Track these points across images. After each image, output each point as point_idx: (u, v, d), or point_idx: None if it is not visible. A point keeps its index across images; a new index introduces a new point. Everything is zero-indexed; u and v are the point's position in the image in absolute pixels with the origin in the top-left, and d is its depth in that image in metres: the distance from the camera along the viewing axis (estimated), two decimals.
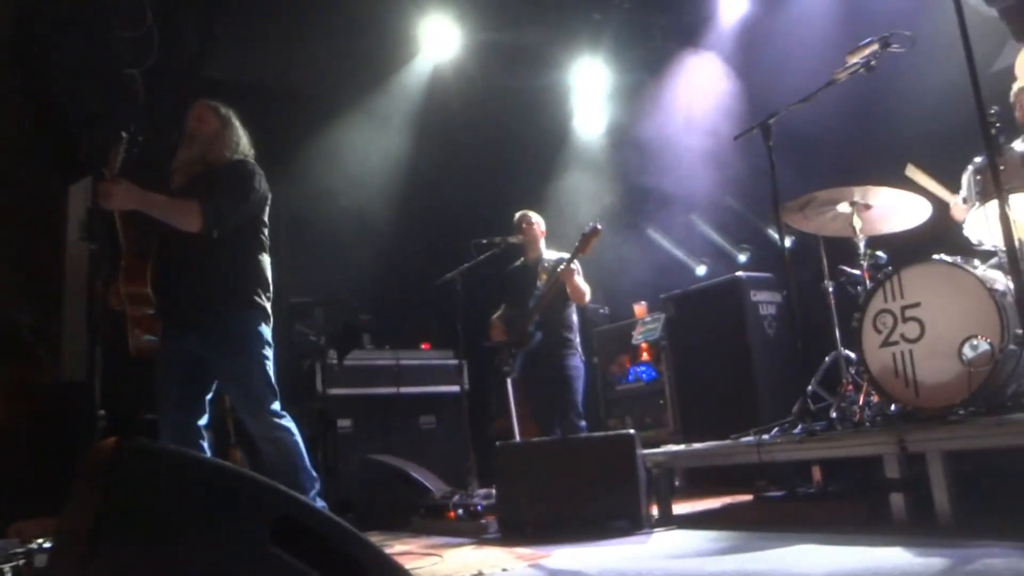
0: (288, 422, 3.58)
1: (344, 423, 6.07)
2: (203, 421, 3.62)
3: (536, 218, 5.37)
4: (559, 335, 5.09)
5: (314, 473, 3.63)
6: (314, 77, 6.82)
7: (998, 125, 3.34)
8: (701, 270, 7.29)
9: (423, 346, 6.81)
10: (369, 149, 7.03)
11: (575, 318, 5.24)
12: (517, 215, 5.38)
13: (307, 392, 5.93)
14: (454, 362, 6.24)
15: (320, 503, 3.50)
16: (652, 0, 7.08)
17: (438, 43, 7.11)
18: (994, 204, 3.06)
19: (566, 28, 7.15)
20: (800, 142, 4.78)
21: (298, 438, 3.59)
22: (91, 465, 1.29)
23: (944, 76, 4.52)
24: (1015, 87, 4.07)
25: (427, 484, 5.17)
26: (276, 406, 3.57)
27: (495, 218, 5.71)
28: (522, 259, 5.38)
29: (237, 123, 3.81)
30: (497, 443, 4.41)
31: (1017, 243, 3.36)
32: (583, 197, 7.36)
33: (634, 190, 7.40)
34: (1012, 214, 3.27)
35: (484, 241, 5.16)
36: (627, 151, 7.39)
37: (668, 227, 7.44)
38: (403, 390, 6.40)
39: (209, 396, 3.65)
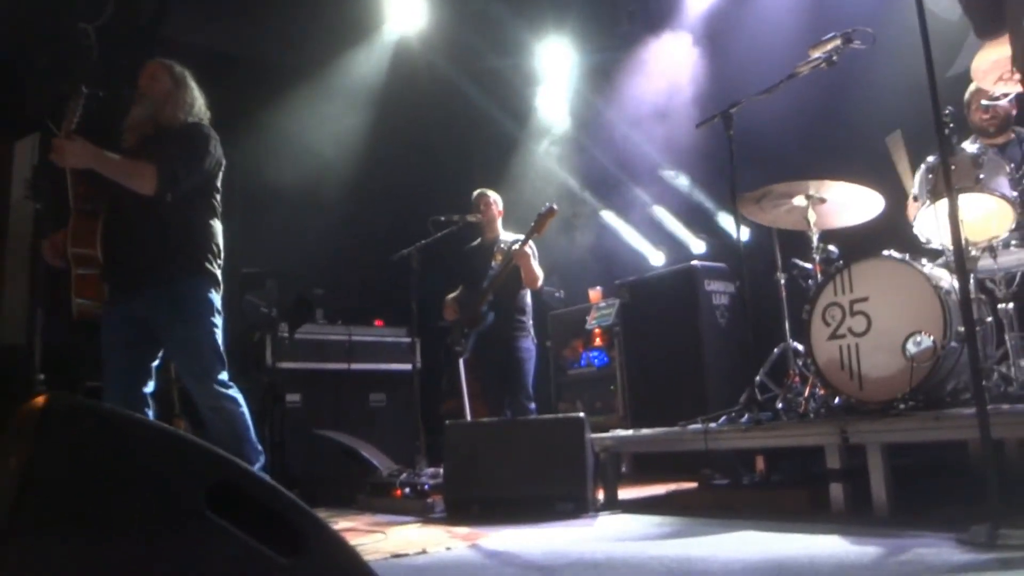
0: (235, 393, 3.52)
1: (293, 398, 5.99)
2: (148, 389, 3.53)
3: (494, 197, 5.34)
4: (512, 317, 5.08)
5: (259, 446, 3.57)
6: (275, 44, 6.69)
7: (951, 126, 3.41)
8: (658, 258, 7.33)
9: (376, 323, 6.74)
10: (329, 120, 6.92)
11: (529, 300, 5.23)
12: (475, 193, 5.34)
13: (256, 364, 5.83)
14: (407, 340, 6.21)
15: (265, 477, 3.45)
16: None
17: (403, 15, 7.04)
18: (944, 203, 3.11)
19: (533, 6, 7.10)
20: (760, 133, 4.82)
21: (245, 409, 3.53)
22: (17, 426, 1.24)
23: (902, 76, 4.60)
24: (970, 89, 4.15)
25: (374, 461, 5.14)
26: (224, 376, 3.51)
27: (454, 196, 5.66)
28: (479, 239, 5.35)
29: (192, 84, 3.70)
30: (447, 422, 4.40)
31: (964, 242, 3.44)
32: (543, 179, 7.36)
33: (594, 174, 7.40)
34: (961, 214, 3.36)
35: (442, 219, 5.12)
36: (589, 134, 7.39)
37: (626, 213, 7.46)
38: (354, 366, 6.34)
39: (155, 363, 3.56)
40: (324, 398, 6.16)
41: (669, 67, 6.84)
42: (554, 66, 7.68)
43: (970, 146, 3.73)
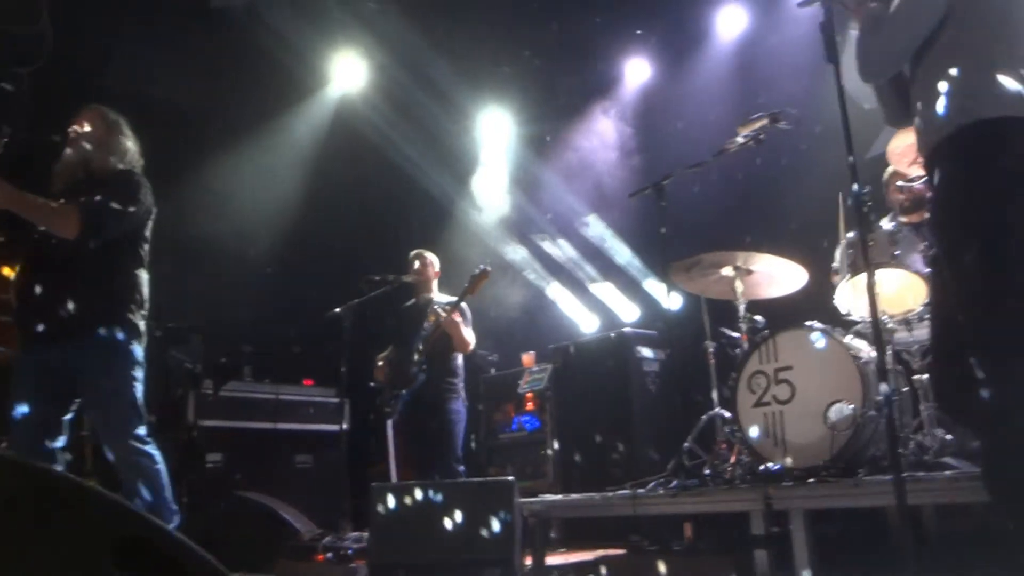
0: (153, 449, 3.39)
1: (214, 457, 5.79)
2: (59, 443, 3.37)
3: (431, 258, 5.35)
4: (443, 378, 5.04)
5: (174, 506, 3.43)
6: (217, 97, 6.65)
7: (869, 204, 3.58)
8: (591, 323, 7.40)
9: (305, 382, 6.61)
10: (266, 176, 6.88)
11: (461, 362, 5.21)
12: (412, 253, 5.35)
13: (176, 421, 5.64)
14: (336, 400, 6.08)
15: None
16: (561, 59, 7.28)
17: (347, 76, 7.13)
18: (862, 277, 3.25)
19: (475, 76, 7.27)
20: (692, 204, 4.98)
21: (161, 467, 3.39)
22: None
23: (825, 156, 4.82)
24: (888, 170, 4.37)
25: (297, 524, 4.98)
26: (142, 431, 3.37)
27: (389, 256, 5.66)
28: (413, 299, 5.34)
29: (127, 131, 3.65)
30: (373, 485, 4.30)
31: (881, 315, 3.58)
32: (479, 242, 7.41)
33: (530, 239, 7.50)
34: (878, 287, 3.50)
35: (376, 278, 5.10)
36: (526, 200, 7.51)
37: (561, 278, 7.55)
38: (281, 426, 6.18)
39: (68, 416, 3.41)
40: (247, 458, 5.97)
41: (605, 139, 7.06)
42: (493, 133, 7.84)
43: (888, 224, 3.91)
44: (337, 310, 5.01)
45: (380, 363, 5.19)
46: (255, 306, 6.79)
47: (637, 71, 7.24)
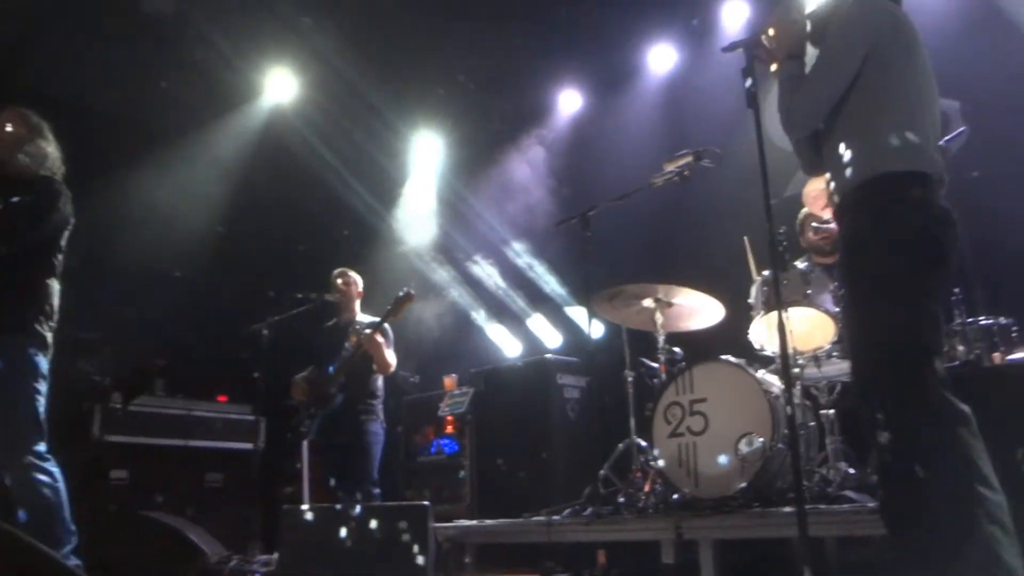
0: (52, 466, 3.25)
1: (119, 474, 5.56)
2: None
3: (355, 277, 5.28)
4: (362, 400, 4.97)
5: (72, 526, 3.30)
6: (143, 105, 6.48)
7: (784, 244, 3.72)
8: (514, 348, 7.43)
9: (220, 398, 6.43)
10: (189, 187, 6.70)
11: (380, 384, 5.15)
12: (335, 272, 5.27)
13: (81, 436, 5.41)
14: (251, 418, 5.94)
15: (74, 560, 3.18)
16: (495, 85, 7.36)
17: (276, 91, 7.05)
18: (775, 314, 3.35)
19: (409, 97, 7.27)
20: (617, 236, 5.07)
21: (61, 486, 3.26)
22: None
23: (745, 196, 4.97)
24: (803, 211, 4.54)
25: (202, 546, 4.81)
26: (40, 447, 3.24)
27: (314, 273, 5.57)
28: (335, 319, 5.27)
29: (49, 136, 3.53)
30: (285, 506, 4.21)
31: (792, 351, 3.71)
32: (405, 264, 7.38)
33: (457, 263, 7.51)
34: (790, 325, 3.63)
35: (298, 295, 5.01)
36: (454, 224, 7.52)
37: (486, 302, 7.57)
38: (192, 443, 5.98)
39: None
40: (155, 476, 5.74)
41: (535, 167, 7.14)
42: (424, 154, 7.84)
43: (801, 264, 4.06)
44: (256, 326, 4.91)
45: (298, 382, 5.09)
46: (171, 319, 6.57)
47: (569, 101, 7.37)
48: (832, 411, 3.89)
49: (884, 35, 2.44)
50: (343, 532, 3.97)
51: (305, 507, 4.56)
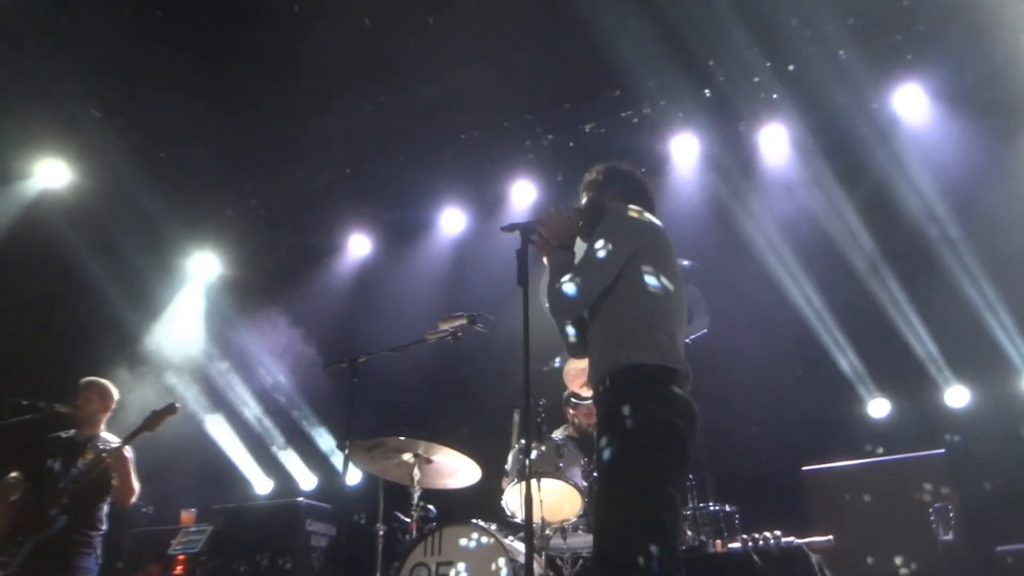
0: None
1: None
2: None
3: (104, 391, 4.78)
4: (80, 529, 4.44)
5: None
6: None
7: (542, 415, 3.89)
8: (265, 486, 7.04)
9: None
10: None
11: (106, 512, 4.63)
12: (84, 381, 4.76)
13: None
14: None
15: None
16: (288, 217, 7.32)
17: (50, 177, 6.56)
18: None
19: (192, 211, 7.01)
20: (386, 386, 5.06)
21: None
22: None
23: (514, 366, 5.18)
24: (566, 392, 4.78)
25: None
26: None
27: (54, 380, 5.02)
28: (73, 431, 4.72)
29: None
30: None
31: (540, 521, 3.81)
32: (156, 383, 6.86)
33: (213, 390, 7.10)
34: (540, 495, 3.75)
35: (24, 402, 4.48)
36: (217, 347, 7.18)
37: (240, 435, 7.17)
38: None
39: None
40: None
41: (315, 303, 7.07)
42: (198, 275, 7.51)
43: (559, 435, 4.25)
44: None
45: (1, 505, 4.44)
46: None
47: (359, 245, 7.45)
48: None
49: (647, 243, 2.75)
50: None
51: None
